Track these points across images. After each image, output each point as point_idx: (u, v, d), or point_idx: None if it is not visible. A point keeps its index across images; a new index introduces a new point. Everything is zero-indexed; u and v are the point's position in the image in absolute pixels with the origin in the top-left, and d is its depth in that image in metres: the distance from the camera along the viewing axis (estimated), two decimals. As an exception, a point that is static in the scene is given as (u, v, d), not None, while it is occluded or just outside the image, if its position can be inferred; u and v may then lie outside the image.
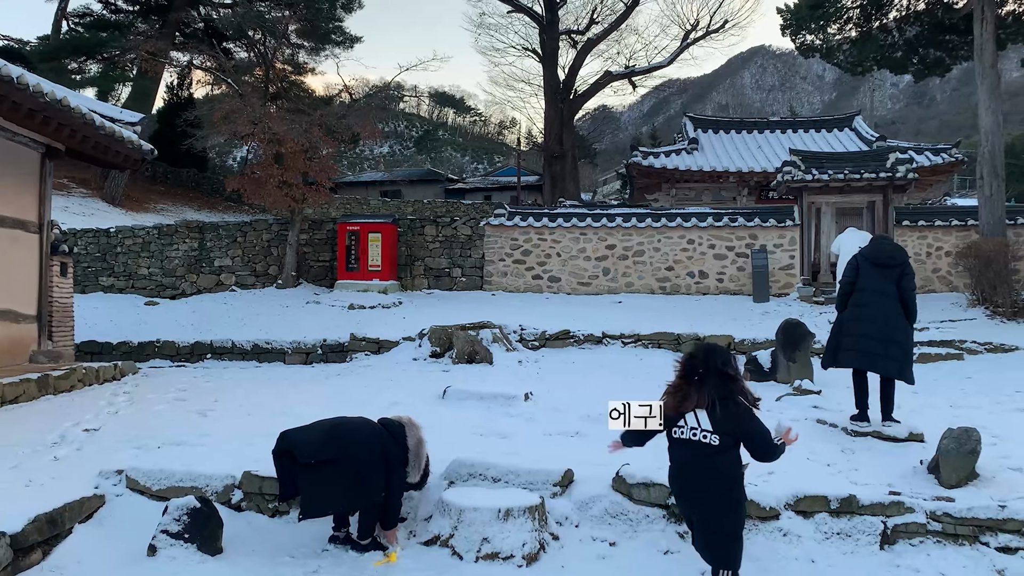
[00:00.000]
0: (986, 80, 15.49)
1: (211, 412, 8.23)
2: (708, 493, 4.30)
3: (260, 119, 16.11)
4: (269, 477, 5.59)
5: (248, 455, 6.31)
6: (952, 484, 5.66)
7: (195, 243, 18.39)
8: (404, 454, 5.29)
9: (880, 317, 6.93)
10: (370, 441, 5.20)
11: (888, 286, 6.96)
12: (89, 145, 10.19)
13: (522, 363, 12.22)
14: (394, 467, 5.20)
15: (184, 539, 4.93)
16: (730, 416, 4.25)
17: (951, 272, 16.36)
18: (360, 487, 5.05)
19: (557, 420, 7.92)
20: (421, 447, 5.41)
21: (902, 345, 7.02)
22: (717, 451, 4.25)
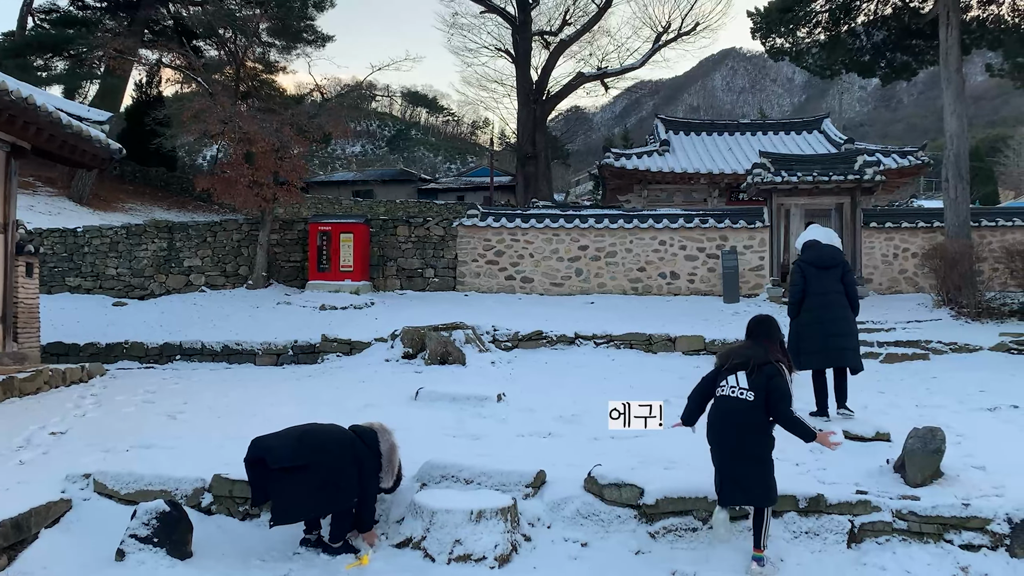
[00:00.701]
0: (951, 84, 15.75)
1: (180, 415, 8.15)
2: (744, 440, 5.05)
3: (230, 118, 15.95)
4: (240, 480, 5.55)
5: (219, 458, 6.26)
6: (917, 483, 5.75)
7: (164, 243, 18.18)
8: (377, 460, 5.29)
9: (838, 316, 7.52)
10: (342, 448, 5.19)
11: (835, 285, 7.58)
12: (56, 144, 10.04)
13: (495, 364, 12.23)
14: (368, 474, 5.20)
15: (153, 543, 4.88)
16: (764, 376, 5.06)
17: (917, 273, 16.62)
18: (331, 493, 5.04)
19: (530, 421, 7.94)
20: (394, 453, 5.41)
21: (854, 336, 7.67)
22: (753, 406, 5.03)
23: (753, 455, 5.04)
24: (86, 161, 11.28)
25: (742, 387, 5.06)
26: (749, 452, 5.04)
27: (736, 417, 5.05)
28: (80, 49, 30.95)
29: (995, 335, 13.16)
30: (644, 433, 7.53)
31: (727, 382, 5.16)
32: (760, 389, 5.02)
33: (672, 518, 5.40)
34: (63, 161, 11.20)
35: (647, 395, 9.58)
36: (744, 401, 5.03)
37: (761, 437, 5.09)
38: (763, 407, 5.02)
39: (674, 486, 5.54)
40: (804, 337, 7.68)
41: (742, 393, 5.05)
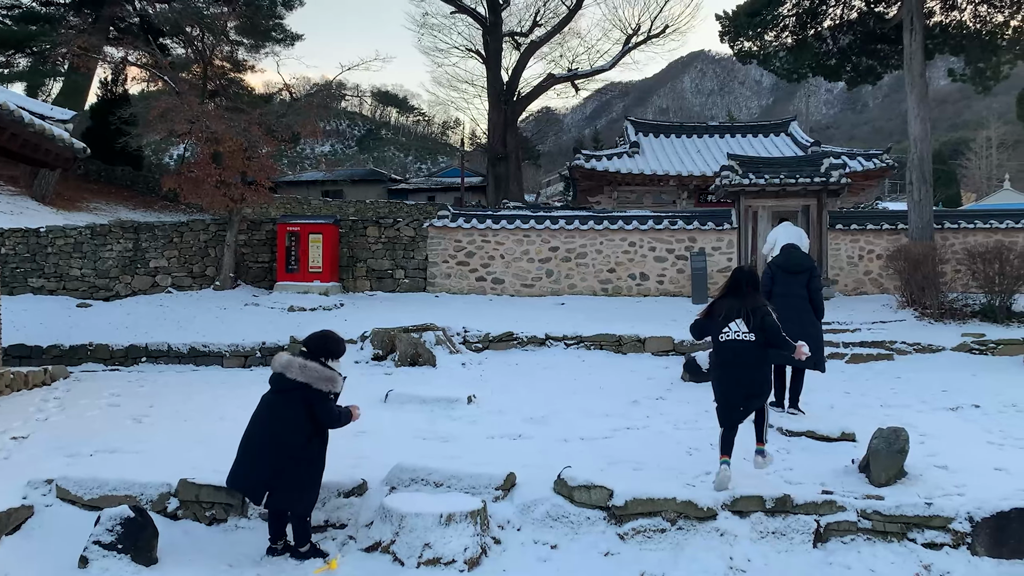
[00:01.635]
0: (915, 88, 16.01)
1: (146, 418, 8.04)
2: (753, 374, 6.00)
3: (197, 117, 15.74)
4: (206, 485, 5.50)
5: (186, 462, 6.20)
6: (882, 482, 5.84)
7: (129, 243, 17.90)
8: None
9: (796, 317, 7.72)
10: (295, 431, 5.17)
11: (800, 289, 8.05)
12: (17, 143, 9.83)
13: (465, 365, 12.22)
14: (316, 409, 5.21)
15: (117, 550, 4.81)
16: (759, 318, 5.99)
17: (882, 275, 16.86)
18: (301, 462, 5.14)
19: (500, 423, 7.94)
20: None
21: (815, 339, 7.88)
22: (755, 345, 5.98)
23: (762, 375, 6.13)
24: (49, 160, 11.06)
25: (743, 331, 5.99)
26: (757, 374, 6.06)
27: (745, 356, 5.96)
28: (43, 46, 30.43)
29: (957, 336, 13.39)
30: (613, 434, 7.61)
31: (729, 328, 6.04)
32: (758, 330, 5.99)
33: (641, 519, 5.43)
34: (25, 160, 10.97)
35: (616, 396, 9.72)
36: (748, 342, 5.97)
37: (765, 366, 6.23)
38: (763, 343, 6.01)
39: (643, 488, 5.57)
40: None
41: (745, 336, 5.98)
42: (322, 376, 5.15)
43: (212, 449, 6.70)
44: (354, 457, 6.30)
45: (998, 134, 65.19)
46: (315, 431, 5.26)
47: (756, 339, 5.98)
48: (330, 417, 5.25)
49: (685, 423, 8.09)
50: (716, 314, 6.19)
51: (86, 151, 11.15)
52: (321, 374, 5.16)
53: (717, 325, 6.13)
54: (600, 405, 9.02)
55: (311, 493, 5.26)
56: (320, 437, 5.33)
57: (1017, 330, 13.73)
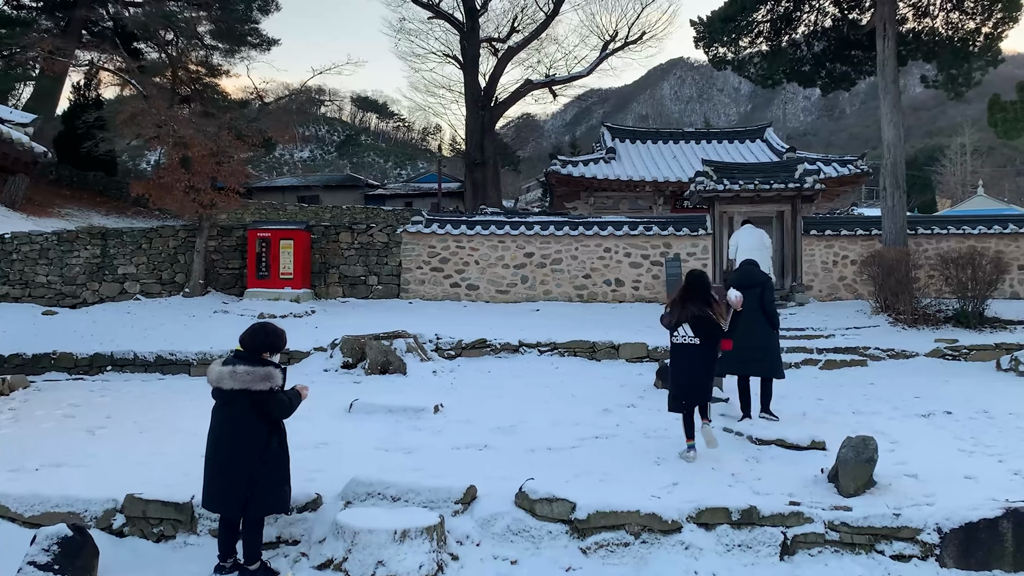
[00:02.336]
0: (888, 94, 16.04)
1: (101, 430, 7.80)
2: (698, 373, 6.98)
3: (164, 122, 15.47)
4: (154, 500, 5.29)
5: (137, 476, 5.99)
6: (850, 492, 5.73)
7: (97, 250, 17.58)
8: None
9: (752, 330, 8.20)
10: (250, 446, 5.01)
11: (754, 303, 8.34)
12: (-28, 147, 9.60)
13: (436, 373, 12.04)
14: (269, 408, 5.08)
15: (54, 571, 4.59)
16: (705, 326, 6.91)
17: (856, 280, 16.86)
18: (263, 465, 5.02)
19: (466, 432, 7.77)
20: None
21: (769, 349, 8.51)
22: (699, 346, 6.93)
23: (704, 377, 7.02)
24: (8, 164, 10.81)
25: (690, 335, 6.95)
26: (700, 376, 6.98)
27: (691, 357, 6.97)
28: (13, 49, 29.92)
29: (931, 341, 13.40)
30: (581, 444, 7.46)
31: (679, 332, 7.05)
32: (702, 335, 6.91)
33: (604, 533, 5.28)
34: (-18, 164, 10.73)
35: (587, 404, 9.58)
36: (693, 345, 6.95)
37: (709, 365, 7.06)
38: (706, 344, 6.92)
39: (607, 500, 5.42)
40: None
41: (691, 340, 6.95)
42: (256, 376, 4.96)
43: (167, 462, 6.50)
44: (311, 470, 6.10)
45: (972, 141, 65.88)
46: (271, 429, 5.14)
47: (700, 343, 6.91)
48: (281, 409, 5.13)
49: (655, 431, 7.96)
50: (671, 316, 7.15)
51: (47, 155, 10.90)
52: (255, 375, 4.96)
53: (671, 326, 7.12)
54: (570, 413, 8.88)
55: (285, 488, 5.17)
56: (278, 433, 5.22)
57: (990, 335, 13.76)
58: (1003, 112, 14.50)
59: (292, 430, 7.36)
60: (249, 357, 5.08)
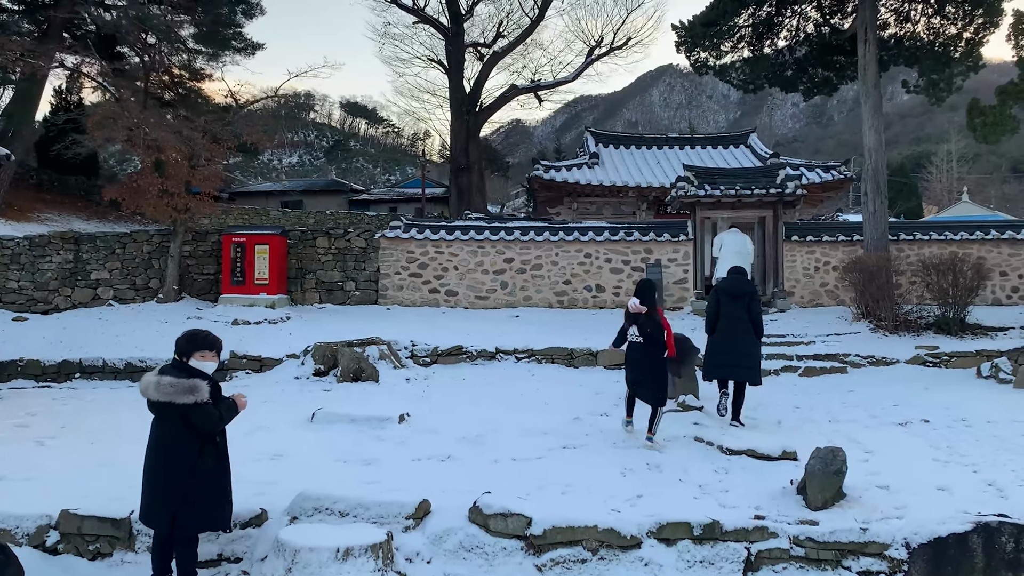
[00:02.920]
0: (869, 99, 15.93)
1: (51, 440, 7.54)
2: (649, 365, 7.82)
3: (136, 125, 15.19)
4: (90, 516, 5.06)
5: (79, 490, 5.76)
6: (818, 506, 5.55)
7: (70, 255, 17.28)
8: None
9: (739, 337, 8.75)
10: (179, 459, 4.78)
11: (742, 312, 8.82)
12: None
13: (410, 381, 11.83)
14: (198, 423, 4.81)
15: (-28, 592, 4.34)
16: (650, 326, 7.85)
17: (838, 286, 16.73)
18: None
19: (431, 443, 7.55)
20: None
21: (753, 357, 8.86)
22: (645, 344, 7.85)
23: (652, 374, 7.80)
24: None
25: (636, 335, 7.89)
26: (648, 372, 7.79)
27: (638, 353, 7.88)
28: (-11, 52, 29.50)
29: (911, 348, 13.26)
30: (547, 454, 7.27)
31: (631, 332, 7.97)
32: (646, 336, 7.83)
33: (561, 549, 5.07)
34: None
35: (560, 412, 9.39)
36: (639, 343, 7.86)
37: (658, 362, 7.88)
38: (653, 344, 7.82)
39: (564, 515, 5.22)
40: (711, 353, 8.98)
41: (637, 338, 7.87)
42: (181, 389, 4.69)
43: (113, 474, 6.26)
44: (262, 483, 5.88)
45: (958, 148, 66.32)
46: (204, 442, 4.86)
47: (644, 341, 7.83)
48: (209, 422, 4.83)
49: (624, 441, 7.78)
50: (625, 320, 8.10)
51: (9, 157, 10.65)
52: (179, 387, 4.69)
53: (626, 327, 8.02)
54: (541, 422, 8.67)
55: (223, 505, 4.90)
56: (213, 446, 4.92)
57: (971, 342, 13.64)
58: (982, 116, 14.40)
59: (249, 440, 7.17)
60: (181, 366, 4.85)
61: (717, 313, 8.99)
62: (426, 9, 34.02)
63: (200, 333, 5.08)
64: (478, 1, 34.02)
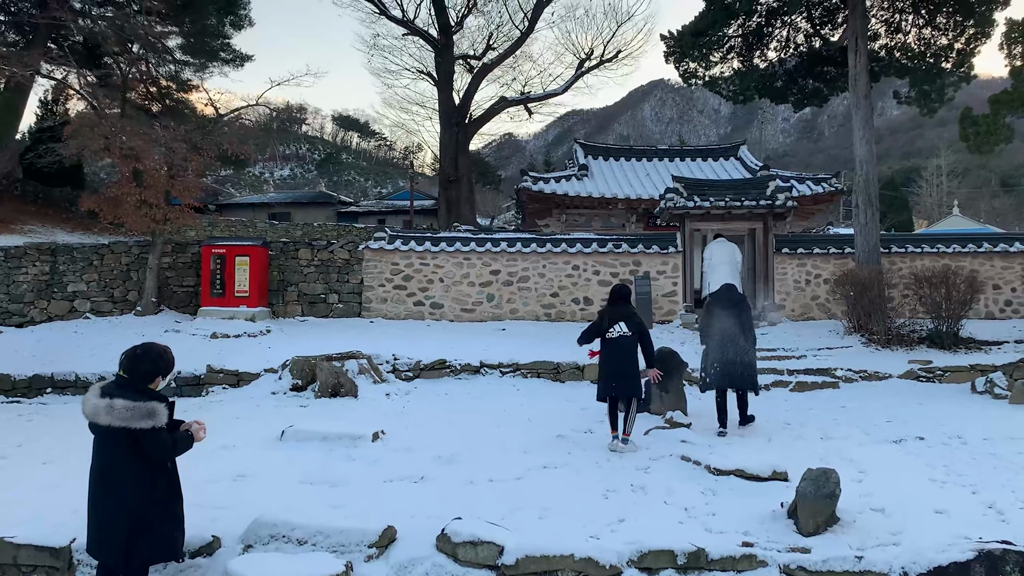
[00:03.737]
0: (860, 110, 15.73)
1: (3, 460, 7.16)
2: (630, 362, 8.03)
3: (112, 133, 14.83)
4: (27, 545, 4.71)
5: (21, 514, 5.38)
6: (810, 531, 5.22)
7: (46, 266, 16.89)
8: None
9: (732, 345, 8.85)
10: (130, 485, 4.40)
11: (734, 321, 8.95)
12: None
13: (390, 396, 11.50)
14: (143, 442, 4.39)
15: None
16: (635, 323, 8.15)
17: (829, 300, 16.47)
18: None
19: (405, 462, 7.19)
20: None
21: (750, 365, 8.99)
22: (632, 340, 8.07)
23: (632, 370, 8.02)
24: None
25: (625, 331, 8.05)
26: (630, 367, 8.01)
27: (625, 349, 8.05)
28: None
29: (904, 362, 13.02)
30: (526, 474, 6.93)
31: (614, 329, 8.07)
32: (633, 327, 8.08)
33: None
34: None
35: (542, 429, 9.05)
36: (628, 337, 8.06)
37: (636, 359, 8.07)
38: (637, 341, 8.09)
39: (540, 543, 4.86)
40: (707, 364, 9.09)
41: (625, 333, 8.06)
42: (138, 413, 4.28)
43: (59, 497, 5.90)
44: (219, 507, 5.51)
45: (949, 162, 66.66)
46: (157, 466, 4.47)
47: (632, 336, 8.05)
48: (161, 452, 4.43)
49: (608, 460, 7.43)
50: (603, 319, 8.22)
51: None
52: (135, 411, 4.28)
53: (605, 328, 8.12)
54: (522, 440, 8.33)
55: (175, 533, 4.51)
56: (166, 471, 4.54)
57: (964, 356, 13.40)
58: (975, 126, 14.18)
59: (211, 459, 6.81)
60: (131, 385, 4.46)
61: (711, 324, 9.15)
62: (416, 21, 33.86)
63: (144, 360, 4.59)
64: (468, 13, 33.84)
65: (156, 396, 4.46)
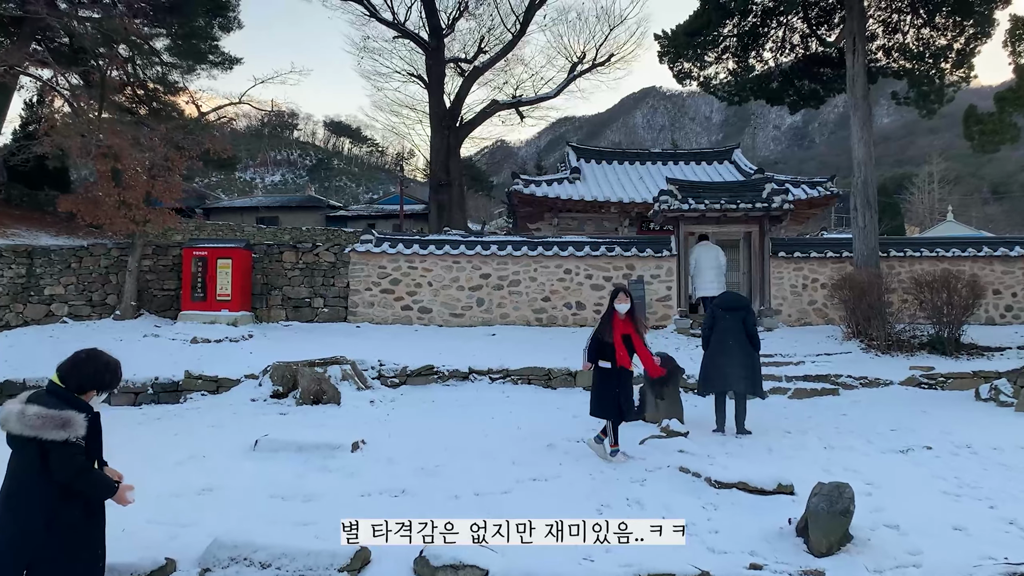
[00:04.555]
0: (858, 111, 15.38)
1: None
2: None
3: (89, 131, 14.34)
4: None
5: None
6: (823, 551, 4.80)
7: (22, 269, 16.38)
8: None
9: (735, 349, 8.84)
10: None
11: (737, 324, 8.92)
12: None
13: (374, 403, 11.06)
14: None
15: None
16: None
17: (827, 304, 16.10)
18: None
19: (385, 474, 6.75)
20: None
21: (752, 368, 8.96)
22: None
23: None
24: None
25: None
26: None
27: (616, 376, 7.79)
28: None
29: (905, 369, 12.67)
30: (514, 487, 6.51)
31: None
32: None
33: (522, 607, 4.29)
34: None
35: (533, 438, 8.62)
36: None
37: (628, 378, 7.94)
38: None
39: (528, 565, 4.44)
40: (707, 367, 9.09)
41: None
42: (48, 423, 3.72)
43: None
44: (180, 524, 5.05)
45: (940, 170, 66.91)
46: (68, 490, 3.86)
47: None
48: (69, 470, 3.80)
49: (602, 472, 7.01)
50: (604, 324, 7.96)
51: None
52: (47, 420, 3.72)
53: (609, 339, 7.81)
54: (510, 450, 7.91)
55: (89, 567, 3.94)
56: (82, 497, 3.93)
57: (967, 363, 13.05)
58: (979, 125, 13.85)
59: (177, 471, 6.35)
60: (59, 394, 3.95)
61: (712, 328, 9.10)
62: (406, 24, 33.49)
63: (97, 369, 4.06)
64: (459, 16, 33.49)
65: (78, 404, 3.89)
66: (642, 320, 8.45)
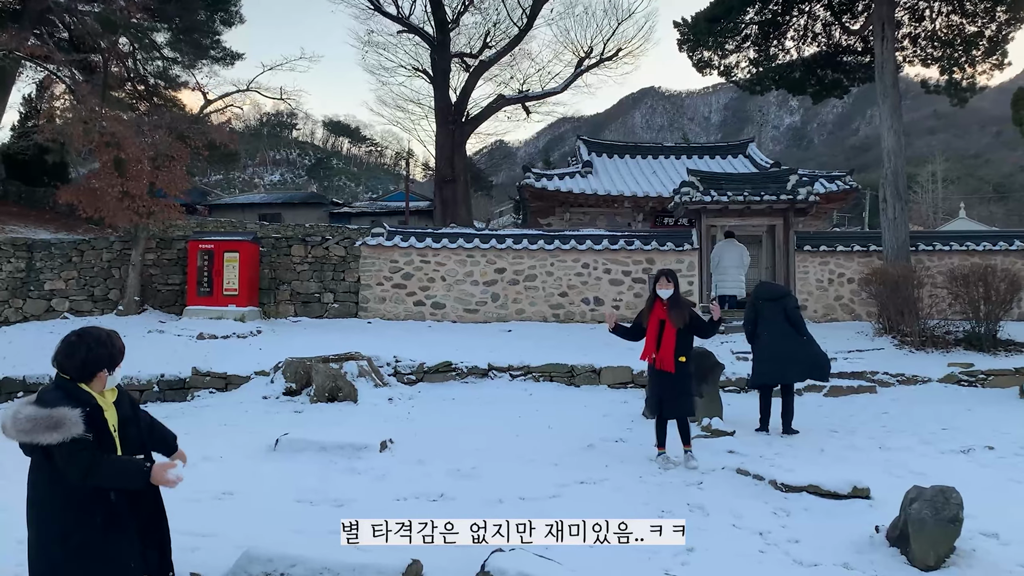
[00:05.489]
0: (887, 99, 14.86)
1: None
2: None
3: (91, 118, 13.77)
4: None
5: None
6: (930, 564, 4.25)
7: (22, 263, 15.84)
8: None
9: (780, 339, 8.64)
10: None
11: (779, 313, 8.76)
12: None
13: (392, 401, 10.51)
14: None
15: None
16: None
17: (853, 300, 15.57)
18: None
19: (418, 477, 6.20)
20: None
21: (811, 353, 8.71)
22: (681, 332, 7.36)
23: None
24: None
25: None
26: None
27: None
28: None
29: (943, 366, 12.17)
30: (562, 492, 5.97)
31: None
32: None
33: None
34: None
35: (567, 438, 8.08)
36: None
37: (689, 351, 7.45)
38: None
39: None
40: (759, 359, 8.82)
41: None
42: (39, 426, 3.20)
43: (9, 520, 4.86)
44: (200, 534, 4.49)
45: (942, 169, 67.12)
46: (86, 495, 3.32)
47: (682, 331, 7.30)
48: (77, 469, 3.24)
49: (651, 474, 6.48)
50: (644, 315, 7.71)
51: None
52: (37, 422, 3.20)
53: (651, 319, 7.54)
54: (548, 450, 7.37)
55: None
56: (100, 501, 3.36)
57: (1006, 360, 12.53)
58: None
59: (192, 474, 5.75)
60: (65, 386, 3.39)
61: (755, 321, 8.89)
62: (411, 18, 32.89)
63: (90, 346, 3.51)
64: (464, 10, 32.89)
65: (76, 398, 3.34)
66: (682, 311, 7.54)
